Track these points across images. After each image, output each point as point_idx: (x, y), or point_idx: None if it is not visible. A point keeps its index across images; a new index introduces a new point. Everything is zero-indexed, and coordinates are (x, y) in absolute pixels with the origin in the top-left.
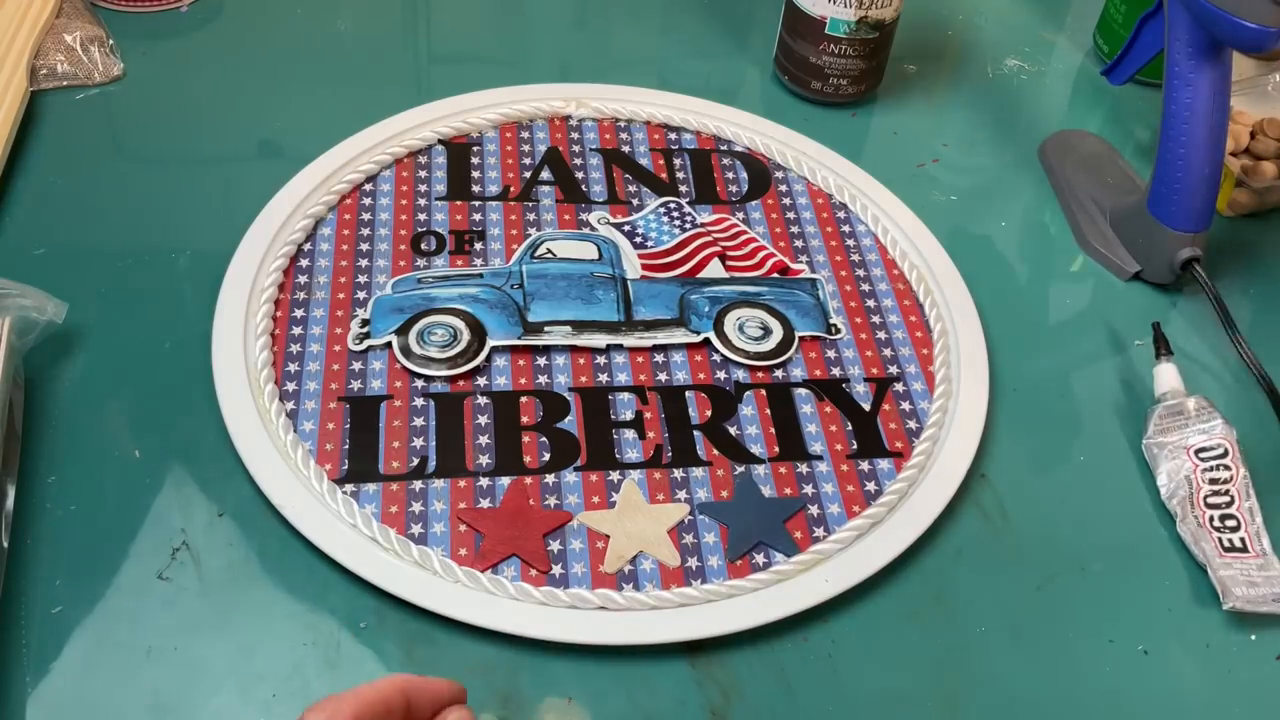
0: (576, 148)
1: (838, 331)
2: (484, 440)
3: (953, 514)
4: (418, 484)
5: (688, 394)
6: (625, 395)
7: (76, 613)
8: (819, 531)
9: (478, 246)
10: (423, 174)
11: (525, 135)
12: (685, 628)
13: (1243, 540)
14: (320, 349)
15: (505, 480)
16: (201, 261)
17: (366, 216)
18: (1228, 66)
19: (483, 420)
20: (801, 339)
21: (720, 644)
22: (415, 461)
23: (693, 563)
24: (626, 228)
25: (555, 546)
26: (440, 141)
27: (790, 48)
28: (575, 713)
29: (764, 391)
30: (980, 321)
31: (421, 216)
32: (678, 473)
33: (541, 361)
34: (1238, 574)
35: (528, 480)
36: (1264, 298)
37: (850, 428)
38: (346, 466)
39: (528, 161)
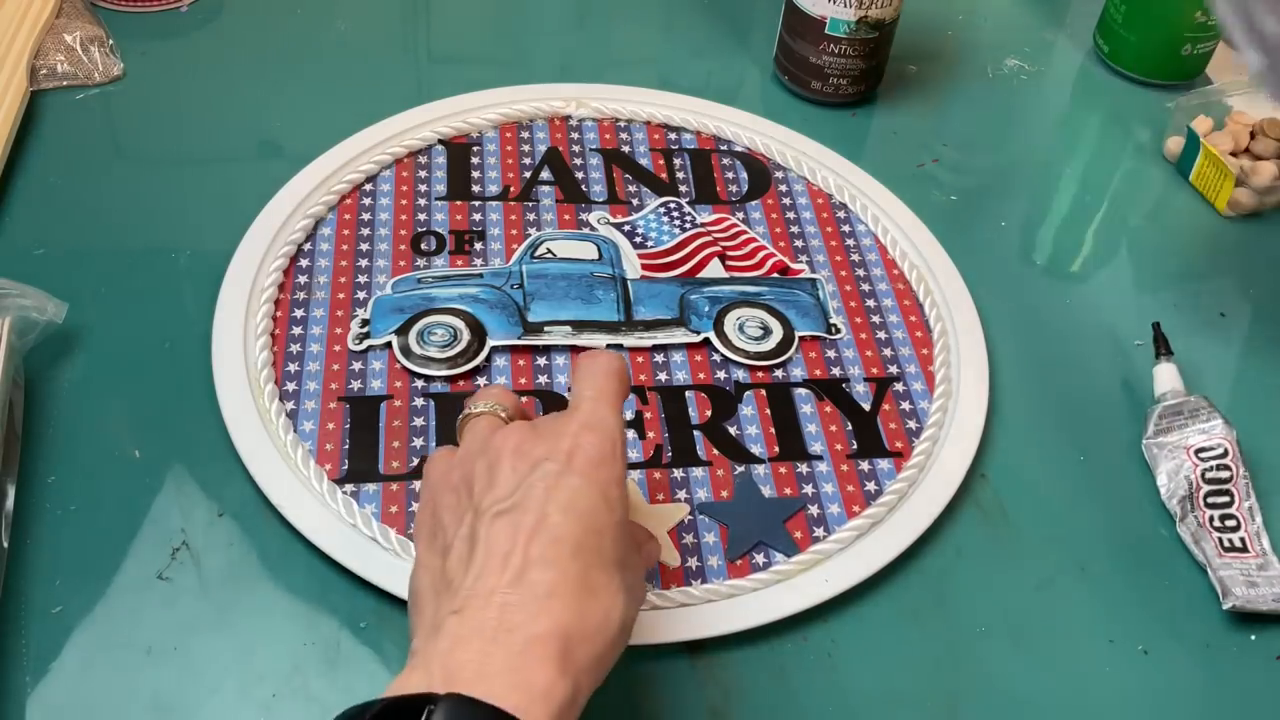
0: (576, 148)
1: (838, 331)
2: None
3: (953, 514)
4: (418, 484)
5: (688, 394)
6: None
7: (76, 613)
8: (819, 531)
9: (478, 246)
10: (423, 174)
11: (525, 135)
12: (685, 628)
13: (1243, 540)
14: (320, 349)
15: None
16: (201, 261)
17: (366, 216)
18: None
19: None
20: (801, 339)
21: (720, 644)
22: (415, 461)
23: (693, 563)
24: (626, 228)
25: None
26: (440, 141)
27: (790, 48)
28: None
29: (764, 391)
30: (980, 321)
31: (421, 216)
32: (678, 473)
33: (541, 361)
34: (1238, 574)
35: None
36: (1264, 297)
37: (850, 428)
38: (346, 466)
39: (528, 161)
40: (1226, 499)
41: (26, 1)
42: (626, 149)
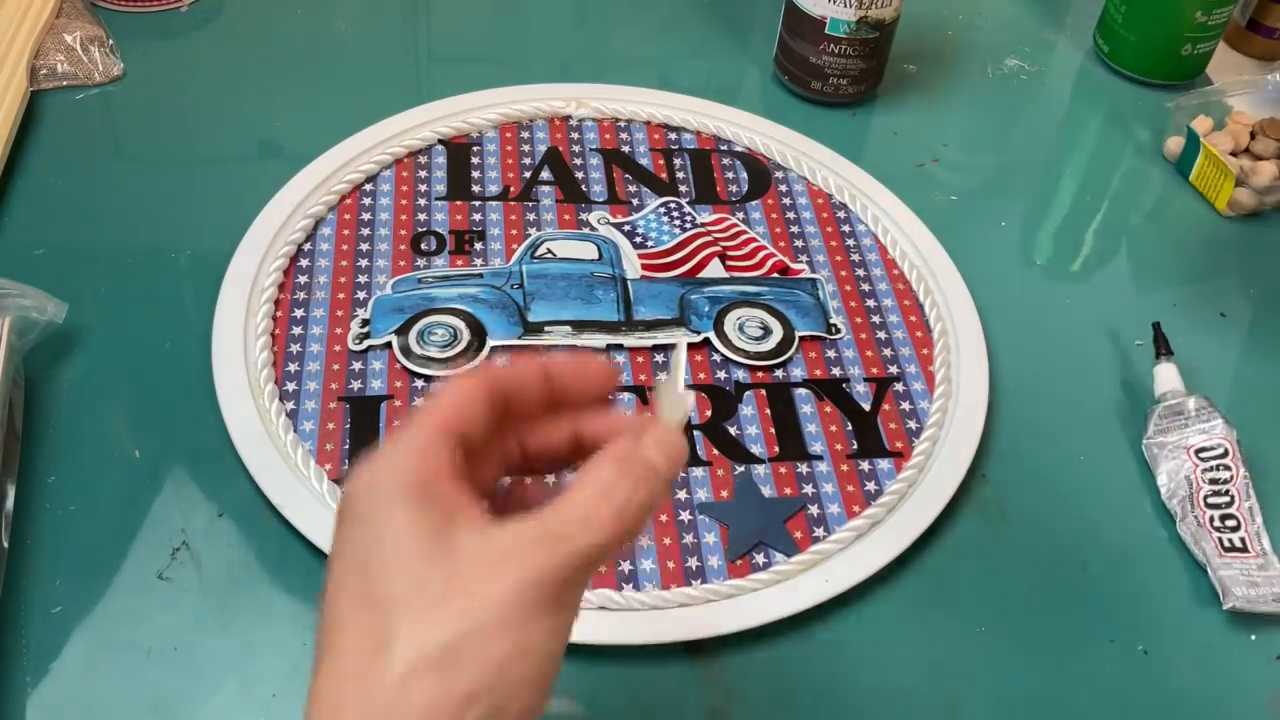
0: (576, 148)
1: (838, 331)
2: None
3: (953, 514)
4: None
5: None
6: (626, 395)
7: (76, 613)
8: (819, 531)
9: (478, 246)
10: (423, 174)
11: (525, 135)
12: (685, 628)
13: (1243, 540)
14: (320, 349)
15: (505, 480)
16: (201, 261)
17: (366, 216)
18: None
19: None
20: (801, 339)
21: (720, 644)
22: None
23: (693, 563)
24: (626, 228)
25: None
26: (440, 141)
27: (790, 48)
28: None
29: (764, 391)
30: (980, 321)
31: (421, 216)
32: None
33: None
34: (1238, 574)
35: (528, 480)
36: (1264, 297)
37: (850, 428)
38: (346, 466)
39: (528, 161)
40: (1226, 499)
41: (26, 1)
42: (626, 149)
